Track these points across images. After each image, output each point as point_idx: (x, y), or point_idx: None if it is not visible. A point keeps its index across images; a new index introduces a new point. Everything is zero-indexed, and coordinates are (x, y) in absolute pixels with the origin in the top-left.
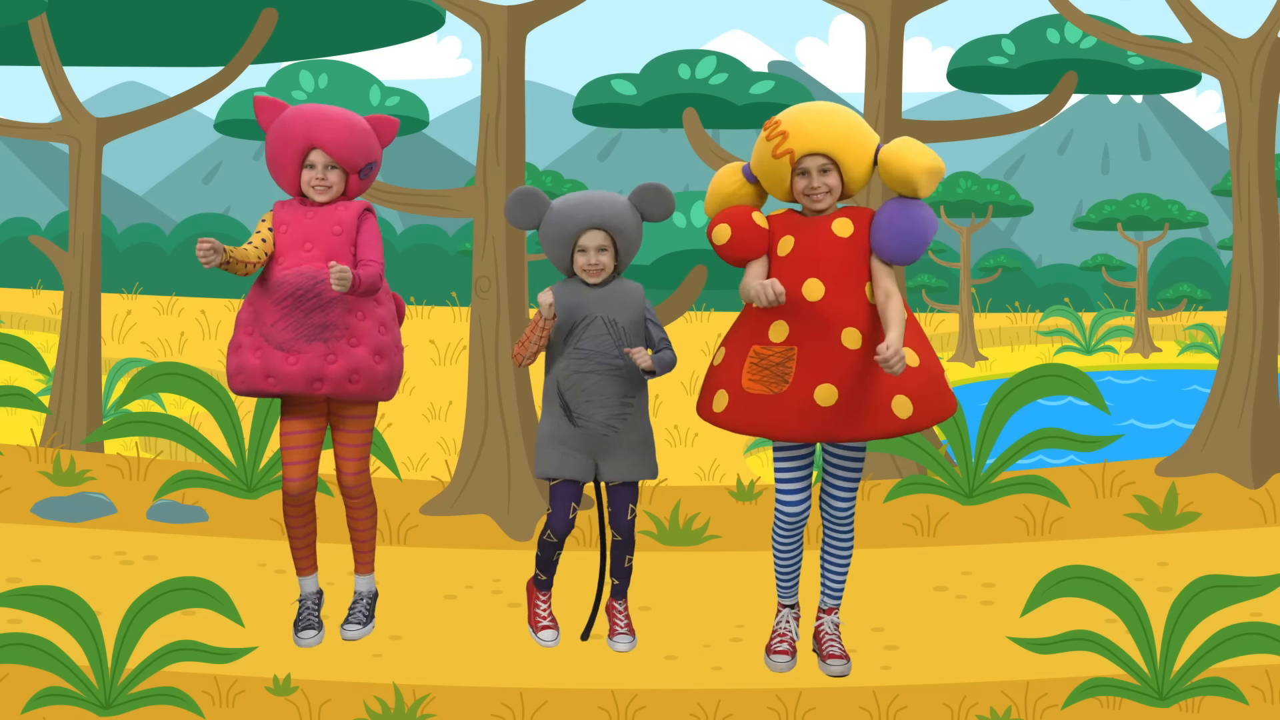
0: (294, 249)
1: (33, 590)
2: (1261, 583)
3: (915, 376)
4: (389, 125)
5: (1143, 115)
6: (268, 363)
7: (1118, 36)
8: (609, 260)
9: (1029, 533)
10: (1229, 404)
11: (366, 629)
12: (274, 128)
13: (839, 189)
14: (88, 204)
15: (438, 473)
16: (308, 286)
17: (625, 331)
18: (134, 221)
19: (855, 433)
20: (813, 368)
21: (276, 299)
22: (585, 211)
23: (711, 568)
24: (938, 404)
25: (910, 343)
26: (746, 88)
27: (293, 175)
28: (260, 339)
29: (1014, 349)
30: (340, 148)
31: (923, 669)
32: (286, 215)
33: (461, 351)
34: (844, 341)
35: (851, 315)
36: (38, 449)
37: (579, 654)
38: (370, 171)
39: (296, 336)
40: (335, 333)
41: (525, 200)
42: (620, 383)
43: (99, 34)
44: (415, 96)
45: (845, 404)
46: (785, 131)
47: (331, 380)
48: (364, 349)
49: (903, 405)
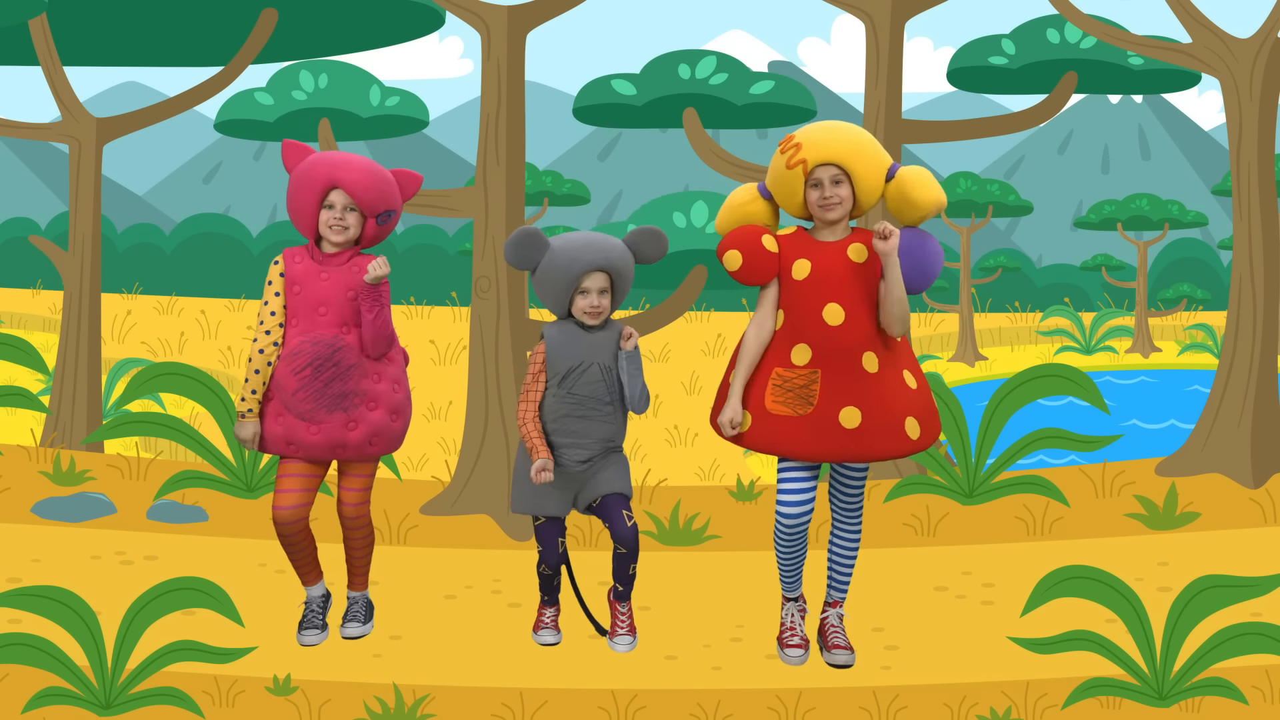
0: (309, 312)
1: (33, 590)
2: (1261, 583)
3: (919, 398)
4: (413, 180)
5: (1143, 115)
6: (290, 431)
7: (1118, 36)
8: (609, 303)
9: (1029, 533)
10: (1229, 404)
11: (366, 628)
12: (298, 170)
13: (850, 202)
14: (88, 204)
15: (438, 473)
16: (326, 356)
17: (616, 376)
18: (134, 221)
19: (875, 453)
20: (836, 391)
21: (295, 368)
22: (589, 254)
23: (711, 568)
24: (935, 424)
25: (907, 365)
26: (746, 88)
27: (311, 217)
28: (281, 406)
29: (1014, 349)
30: (361, 190)
31: (923, 669)
32: (299, 273)
33: (461, 351)
34: (864, 365)
35: (870, 340)
36: (38, 449)
37: (579, 654)
38: (388, 220)
39: (316, 407)
40: (355, 400)
41: (526, 242)
42: (606, 426)
43: (99, 34)
44: (415, 96)
45: (867, 426)
46: (799, 144)
47: (353, 447)
48: (381, 411)
49: (913, 426)
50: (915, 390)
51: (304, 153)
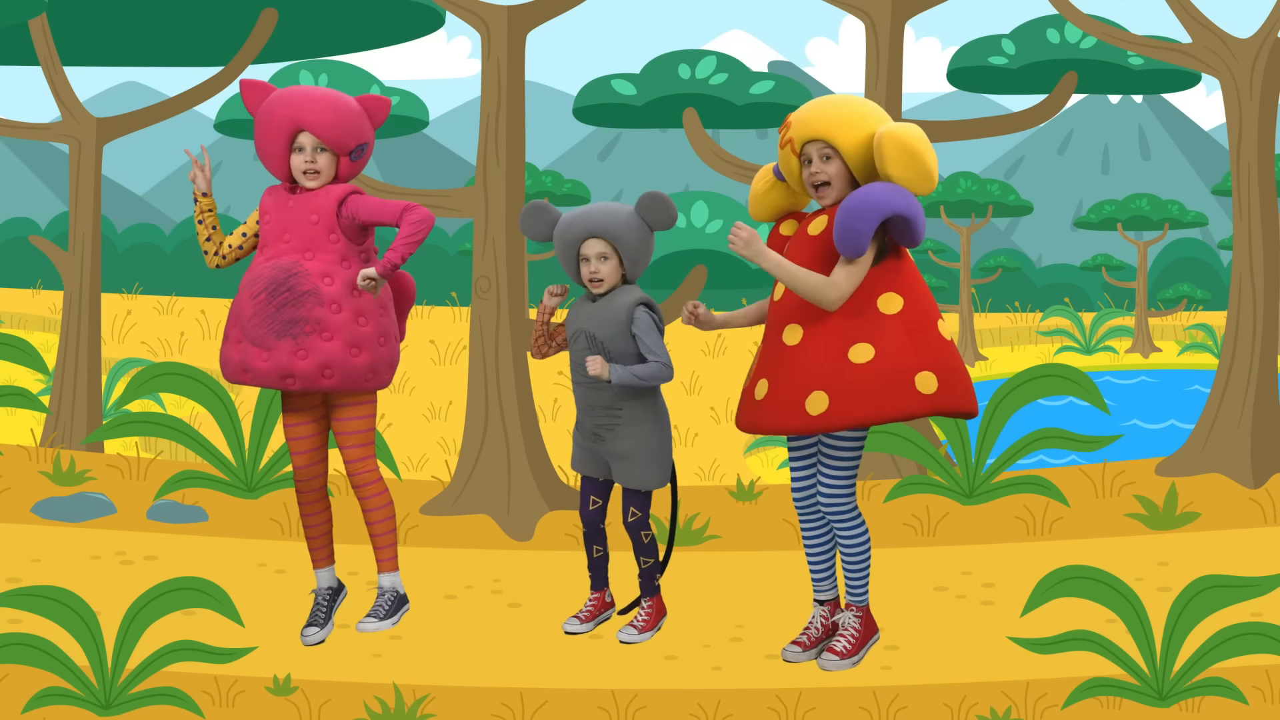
0: (274, 240)
1: (33, 590)
2: (1261, 583)
3: (846, 375)
4: (381, 105)
5: (1143, 115)
6: (245, 357)
7: (1118, 36)
8: (610, 270)
9: (1029, 533)
10: (1229, 404)
11: (384, 624)
12: (260, 112)
13: (845, 175)
14: (88, 204)
15: (438, 473)
16: (280, 280)
17: (604, 346)
18: (134, 221)
19: (769, 426)
20: (760, 363)
21: (253, 293)
22: (584, 221)
23: (711, 568)
24: (858, 406)
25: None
26: (746, 88)
27: (282, 161)
28: (239, 333)
29: (1014, 349)
30: (328, 129)
31: (923, 669)
32: (270, 204)
33: (461, 351)
34: (784, 338)
35: (795, 312)
36: (38, 449)
37: (579, 654)
38: (362, 153)
39: (267, 332)
40: (305, 328)
41: (535, 212)
42: (600, 394)
43: (99, 34)
44: (415, 96)
45: (769, 398)
46: (789, 123)
47: (303, 376)
48: (337, 343)
49: (817, 401)
50: (844, 366)
51: (264, 91)
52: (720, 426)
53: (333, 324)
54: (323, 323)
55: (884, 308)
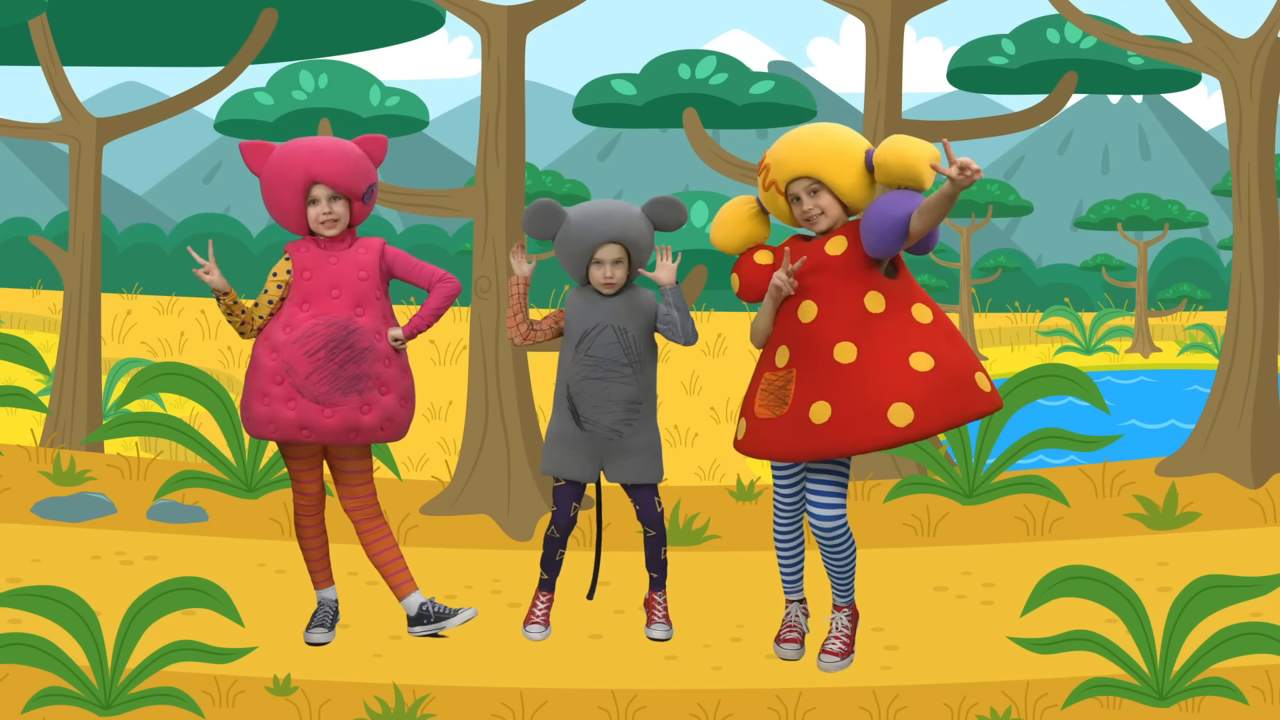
0: (322, 295)
1: (33, 590)
2: (1261, 583)
3: (915, 383)
4: (378, 144)
5: (1143, 115)
6: (304, 416)
7: (1118, 36)
8: (623, 273)
9: (1029, 533)
10: (1229, 404)
11: (430, 628)
12: (267, 170)
13: (837, 207)
14: (88, 204)
15: (438, 473)
16: (340, 338)
17: (635, 340)
18: (134, 221)
19: (850, 446)
20: (808, 387)
21: (308, 350)
22: (604, 226)
23: (711, 568)
24: (940, 412)
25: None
26: (746, 88)
27: (297, 214)
28: (292, 390)
29: (1014, 349)
30: (341, 177)
31: (923, 669)
32: (307, 260)
33: (461, 351)
34: (836, 357)
35: (845, 330)
36: (38, 449)
37: (579, 654)
38: (372, 194)
39: (332, 389)
40: (369, 383)
41: (542, 212)
42: (627, 389)
43: (99, 34)
44: (415, 96)
45: (838, 418)
46: (768, 164)
47: (366, 430)
48: (393, 396)
49: (901, 413)
50: (914, 375)
51: (265, 151)
52: (720, 426)
53: (388, 378)
54: (381, 377)
55: (919, 317)
